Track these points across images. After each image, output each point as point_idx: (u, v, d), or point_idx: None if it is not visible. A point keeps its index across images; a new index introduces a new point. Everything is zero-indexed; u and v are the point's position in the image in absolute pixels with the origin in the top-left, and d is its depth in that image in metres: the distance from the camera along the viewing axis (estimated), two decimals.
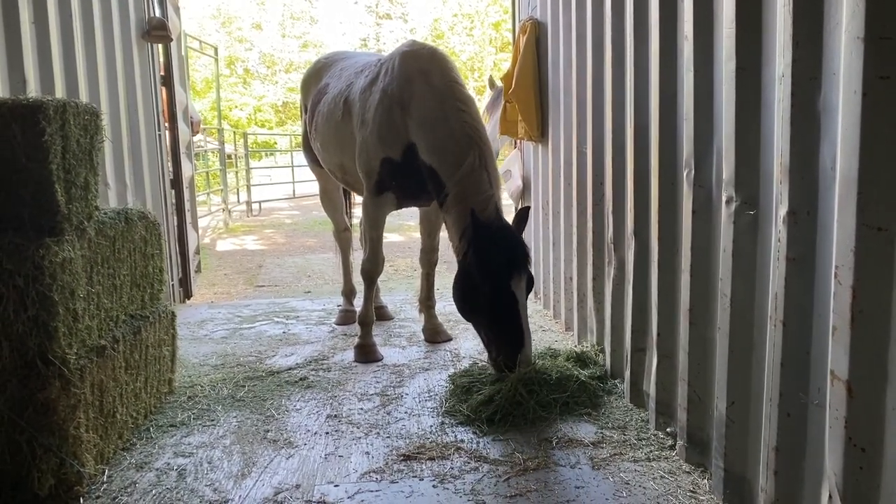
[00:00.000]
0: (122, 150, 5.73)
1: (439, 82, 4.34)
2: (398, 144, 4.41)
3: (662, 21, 3.22)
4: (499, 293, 3.74)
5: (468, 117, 4.22)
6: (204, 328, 5.77)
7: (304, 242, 12.10)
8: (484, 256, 3.80)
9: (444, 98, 4.27)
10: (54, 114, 2.91)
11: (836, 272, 2.04)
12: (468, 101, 4.33)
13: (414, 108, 4.33)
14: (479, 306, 3.85)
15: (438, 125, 4.21)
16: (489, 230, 3.85)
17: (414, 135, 4.32)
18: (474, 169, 4.04)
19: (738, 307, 2.67)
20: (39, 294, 2.78)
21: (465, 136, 4.13)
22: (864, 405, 1.99)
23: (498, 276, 3.75)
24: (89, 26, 5.30)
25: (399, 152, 4.42)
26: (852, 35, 1.93)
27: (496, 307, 3.76)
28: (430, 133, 4.24)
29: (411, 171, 4.39)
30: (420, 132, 4.28)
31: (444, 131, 4.19)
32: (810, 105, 2.22)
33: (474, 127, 4.20)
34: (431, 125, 4.24)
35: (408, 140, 4.36)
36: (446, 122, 4.20)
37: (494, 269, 3.76)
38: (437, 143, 4.20)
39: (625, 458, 3.23)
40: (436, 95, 4.29)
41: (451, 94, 4.29)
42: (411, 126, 4.33)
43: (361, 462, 3.28)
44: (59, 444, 2.87)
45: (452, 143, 4.14)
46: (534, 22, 5.86)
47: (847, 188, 1.98)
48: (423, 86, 4.35)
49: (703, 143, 2.92)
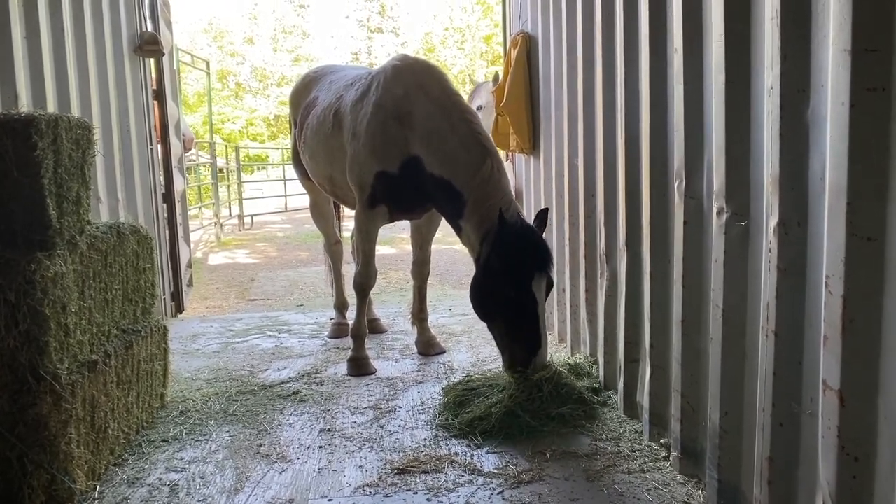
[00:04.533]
0: (113, 164, 5.72)
1: (440, 95, 4.40)
2: (396, 158, 4.43)
3: (652, 35, 3.25)
4: (519, 294, 3.75)
5: (477, 127, 4.30)
6: (196, 342, 5.75)
7: (296, 256, 12.08)
8: (508, 257, 3.79)
9: (449, 110, 4.33)
10: (46, 128, 2.91)
11: (827, 282, 2.05)
12: (472, 112, 4.41)
13: (416, 122, 4.35)
14: (498, 307, 3.85)
15: (447, 137, 4.26)
16: (514, 230, 3.85)
17: (417, 148, 4.34)
18: (493, 174, 4.09)
19: (730, 318, 2.68)
20: (31, 309, 2.76)
21: (478, 145, 4.20)
22: (857, 414, 2.00)
23: (520, 277, 3.76)
24: (81, 41, 5.30)
25: (397, 165, 4.43)
26: (840, 47, 1.96)
27: (515, 308, 3.77)
28: (439, 145, 4.27)
29: (410, 184, 4.41)
30: (426, 145, 4.31)
31: (454, 142, 4.23)
32: (799, 117, 2.24)
33: (484, 135, 4.29)
34: (439, 137, 4.28)
35: (408, 153, 4.38)
36: (455, 133, 4.25)
37: (517, 270, 3.77)
38: (449, 154, 4.23)
39: (619, 470, 3.23)
40: (439, 108, 4.34)
41: (454, 106, 4.36)
42: (413, 139, 4.34)
43: (355, 476, 3.26)
44: (51, 459, 2.85)
45: (465, 153, 4.18)
46: (525, 36, 5.90)
47: (837, 198, 2.00)
48: (423, 99, 4.39)
49: (693, 155, 2.94)
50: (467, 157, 4.17)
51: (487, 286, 3.92)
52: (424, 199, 4.53)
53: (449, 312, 6.66)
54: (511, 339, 3.86)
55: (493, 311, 3.92)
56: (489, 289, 3.90)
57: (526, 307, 3.76)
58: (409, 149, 4.38)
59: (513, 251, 3.78)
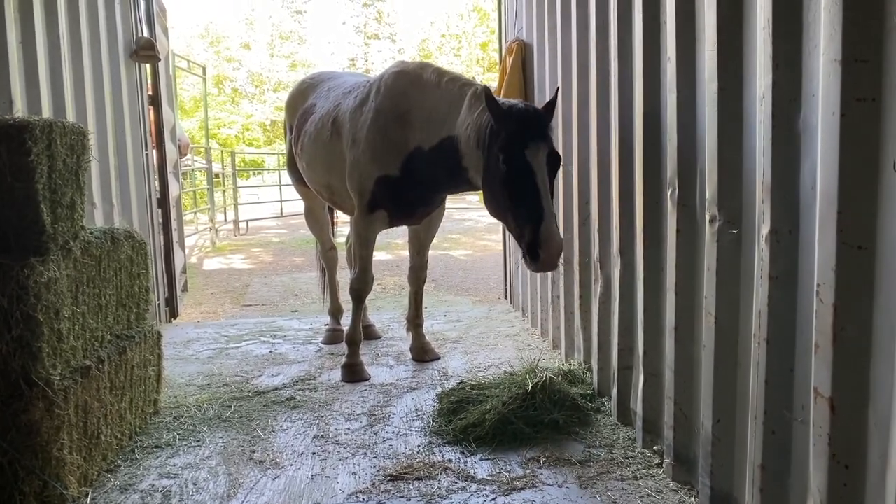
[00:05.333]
0: (109, 169, 5.72)
1: (431, 78, 4.39)
2: (397, 159, 4.42)
3: (646, 43, 3.27)
4: (512, 164, 3.59)
5: (462, 82, 4.24)
6: (190, 348, 5.74)
7: (291, 261, 12.07)
8: (498, 131, 3.70)
9: (437, 82, 4.32)
10: (41, 133, 2.91)
11: (818, 290, 2.07)
12: (462, 77, 4.35)
13: (414, 114, 4.35)
14: (496, 186, 3.72)
15: (438, 105, 4.24)
16: (503, 105, 3.76)
17: (417, 138, 4.33)
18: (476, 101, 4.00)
19: (722, 325, 2.70)
20: (24, 314, 2.76)
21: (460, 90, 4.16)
22: (847, 422, 2.01)
23: (510, 149, 3.61)
24: (77, 46, 5.31)
25: (398, 167, 4.42)
26: (830, 58, 1.98)
27: (510, 181, 3.61)
28: (430, 116, 4.26)
29: (411, 185, 4.41)
30: (423, 129, 4.30)
31: (443, 104, 4.20)
32: (790, 126, 2.26)
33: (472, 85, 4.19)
34: (432, 109, 4.27)
35: (408, 150, 4.37)
36: (444, 99, 4.22)
37: (507, 141, 3.63)
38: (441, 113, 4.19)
39: (612, 477, 3.23)
40: (431, 88, 4.34)
41: (442, 76, 4.35)
42: (413, 133, 4.34)
43: (348, 482, 3.26)
44: (42, 465, 2.84)
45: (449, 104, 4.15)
46: (520, 43, 5.93)
47: (828, 207, 2.02)
48: (417, 91, 4.40)
49: (686, 163, 2.95)
50: (453, 103, 4.13)
51: (486, 170, 3.81)
52: (425, 200, 4.51)
53: (444, 319, 6.66)
54: (515, 220, 3.66)
55: (494, 194, 3.78)
56: (487, 171, 3.79)
57: (520, 179, 3.58)
58: (409, 145, 4.37)
59: (501, 123, 3.69)
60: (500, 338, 5.82)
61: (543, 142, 3.64)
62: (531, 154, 3.58)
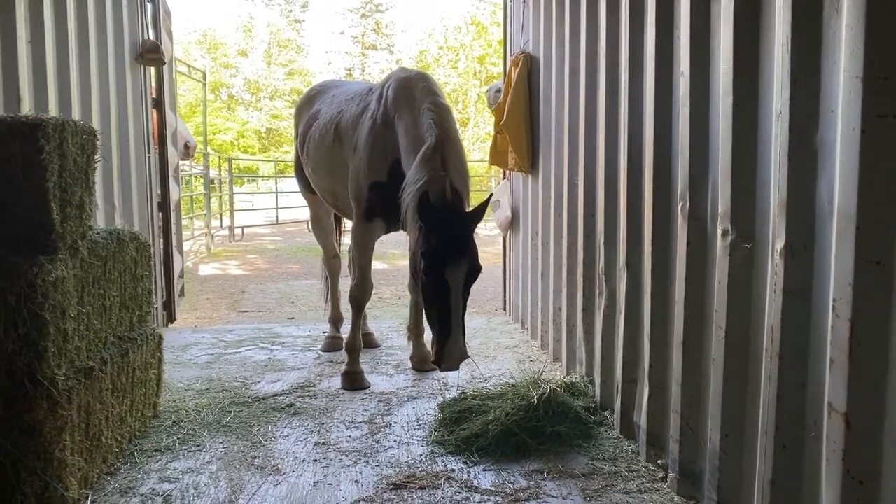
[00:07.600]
0: (111, 170, 5.69)
1: (418, 94, 4.45)
2: (386, 165, 4.50)
3: (658, 56, 3.29)
4: (431, 279, 3.76)
5: (435, 116, 4.26)
6: (188, 352, 5.70)
7: (287, 268, 12.04)
8: (424, 242, 3.83)
9: (420, 105, 4.37)
10: (53, 132, 2.89)
11: (834, 305, 2.07)
12: (441, 107, 4.38)
13: (399, 125, 4.43)
14: (416, 275, 3.93)
15: (410, 127, 4.33)
16: (435, 213, 3.83)
17: (399, 150, 4.40)
18: (432, 151, 4.05)
19: (732, 339, 2.70)
20: (31, 313, 2.73)
21: (428, 127, 4.21)
22: (862, 438, 2.01)
23: (433, 260, 3.76)
24: (84, 47, 5.30)
25: (385, 173, 4.49)
26: (851, 74, 1.99)
27: (429, 295, 3.83)
28: (404, 137, 4.35)
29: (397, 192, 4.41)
30: (402, 146, 4.37)
31: (413, 130, 4.30)
32: (808, 142, 2.27)
33: (438, 121, 4.23)
34: (405, 128, 4.36)
35: (394, 156, 4.45)
36: (415, 122, 4.32)
37: (429, 254, 3.77)
38: (408, 141, 4.30)
39: (616, 490, 3.22)
40: (413, 105, 4.41)
41: (425, 100, 4.39)
42: (397, 143, 4.42)
43: (351, 490, 3.24)
44: (44, 466, 2.81)
45: (416, 133, 4.25)
46: (526, 56, 5.95)
47: (845, 223, 2.02)
48: (404, 103, 4.46)
49: (698, 177, 2.96)
50: (417, 135, 4.23)
51: (411, 267, 4.05)
52: None
53: None
54: (427, 318, 3.97)
55: (415, 277, 4.00)
56: (411, 274, 4.04)
57: (437, 295, 3.77)
58: (395, 153, 4.45)
59: (429, 237, 3.81)
60: (500, 349, 5.80)
61: (465, 258, 3.79)
62: (450, 272, 3.76)
